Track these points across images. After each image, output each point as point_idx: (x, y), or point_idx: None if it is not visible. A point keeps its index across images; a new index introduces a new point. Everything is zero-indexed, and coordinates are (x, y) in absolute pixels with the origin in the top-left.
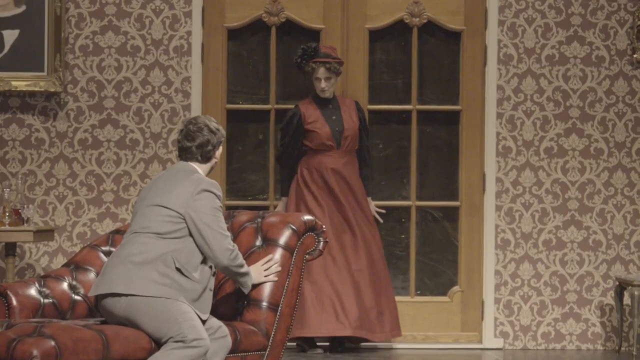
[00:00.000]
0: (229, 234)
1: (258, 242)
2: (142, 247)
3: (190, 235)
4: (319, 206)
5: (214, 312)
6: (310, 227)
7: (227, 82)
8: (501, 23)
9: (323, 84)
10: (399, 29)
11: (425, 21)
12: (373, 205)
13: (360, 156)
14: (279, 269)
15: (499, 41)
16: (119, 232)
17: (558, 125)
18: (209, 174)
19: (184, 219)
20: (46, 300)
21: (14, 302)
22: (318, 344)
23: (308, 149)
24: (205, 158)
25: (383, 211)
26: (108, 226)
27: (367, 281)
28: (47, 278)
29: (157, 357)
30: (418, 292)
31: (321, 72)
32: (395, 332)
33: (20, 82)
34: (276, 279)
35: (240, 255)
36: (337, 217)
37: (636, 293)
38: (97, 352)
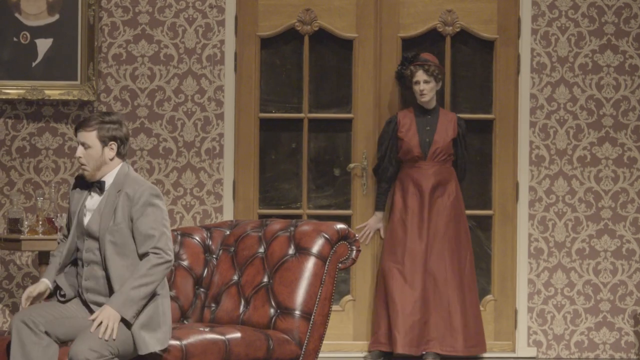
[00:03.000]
0: None
1: (291, 251)
2: None
3: None
4: (407, 218)
5: (249, 321)
6: (343, 236)
7: (260, 90)
8: (534, 32)
9: (422, 86)
10: (432, 37)
11: (458, 30)
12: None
13: (456, 168)
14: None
15: (532, 50)
16: None
17: (591, 134)
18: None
19: None
20: None
21: None
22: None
23: (401, 159)
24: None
25: None
26: None
27: (453, 294)
28: None
29: None
30: None
31: (419, 74)
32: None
33: (54, 90)
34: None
35: None
36: (424, 229)
37: None
38: None
